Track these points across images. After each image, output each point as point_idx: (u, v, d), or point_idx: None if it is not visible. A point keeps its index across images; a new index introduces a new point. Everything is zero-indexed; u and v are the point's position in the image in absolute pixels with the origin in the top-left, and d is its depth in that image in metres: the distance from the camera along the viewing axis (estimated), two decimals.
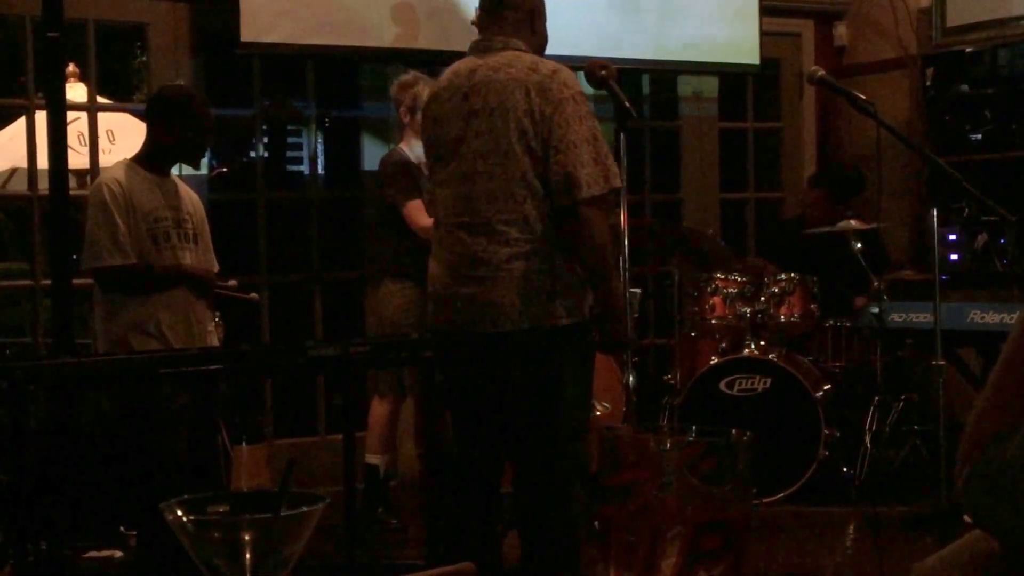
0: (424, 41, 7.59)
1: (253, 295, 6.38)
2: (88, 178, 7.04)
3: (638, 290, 7.40)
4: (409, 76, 7.03)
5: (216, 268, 5.87)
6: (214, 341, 5.74)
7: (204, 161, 7.59)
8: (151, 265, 5.49)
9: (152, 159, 5.62)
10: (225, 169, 9.90)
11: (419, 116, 6.81)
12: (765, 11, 8.88)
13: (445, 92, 4.70)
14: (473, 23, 5.91)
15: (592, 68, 4.57)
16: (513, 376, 4.54)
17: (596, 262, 4.48)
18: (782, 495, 7.20)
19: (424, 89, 6.88)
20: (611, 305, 4.55)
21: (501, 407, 4.60)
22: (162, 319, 5.48)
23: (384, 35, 7.53)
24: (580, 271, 4.55)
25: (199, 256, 5.70)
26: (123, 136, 7.39)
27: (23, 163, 7.27)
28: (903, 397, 7.78)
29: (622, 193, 4.77)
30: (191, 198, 5.78)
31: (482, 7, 4.82)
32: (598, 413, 6.62)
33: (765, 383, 7.39)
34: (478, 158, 4.54)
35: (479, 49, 4.74)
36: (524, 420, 4.58)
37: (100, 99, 7.51)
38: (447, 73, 4.80)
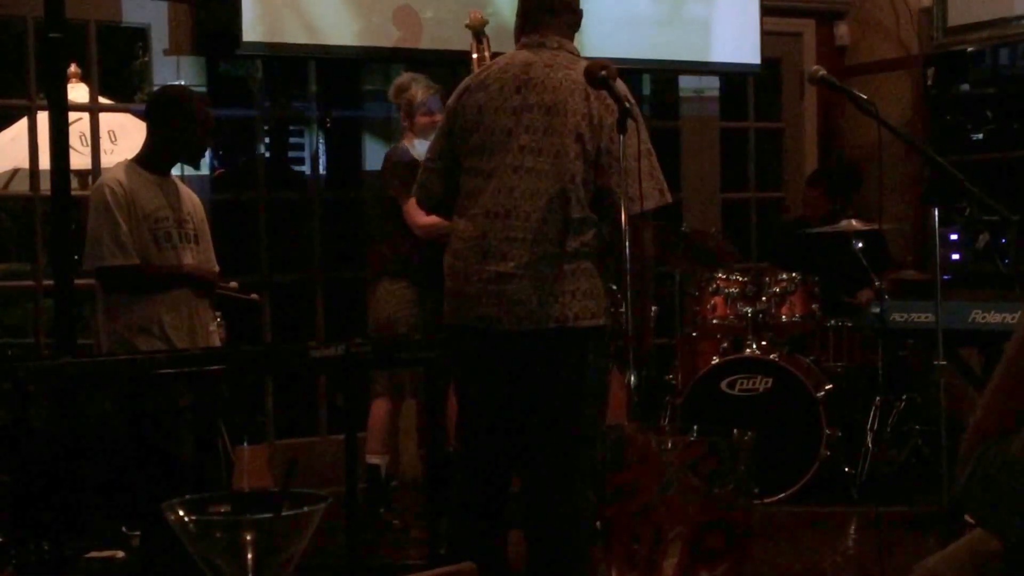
0: (425, 43, 7.59)
1: (254, 295, 6.37)
2: (90, 179, 7.04)
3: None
4: (403, 79, 7.02)
5: (216, 269, 5.88)
6: (216, 341, 5.74)
7: (205, 161, 7.60)
8: (153, 265, 5.50)
9: (152, 159, 5.63)
10: (224, 169, 9.90)
11: (417, 118, 6.82)
12: (766, 11, 8.87)
13: (495, 83, 4.63)
14: (467, 26, 5.90)
15: (592, 68, 4.55)
16: (534, 375, 4.50)
17: (642, 274, 4.48)
18: (784, 495, 7.20)
19: (419, 90, 6.88)
20: (644, 314, 4.54)
21: (519, 406, 4.56)
22: (165, 319, 5.48)
23: (386, 36, 7.53)
24: (613, 278, 4.55)
25: (200, 256, 5.71)
26: (125, 137, 7.40)
27: (25, 163, 7.27)
28: (904, 397, 7.78)
29: (624, 193, 4.77)
30: (191, 199, 5.79)
31: (537, 7, 4.75)
32: None
33: (766, 383, 7.39)
34: (527, 154, 4.49)
35: (532, 45, 4.69)
36: (542, 420, 4.54)
37: (102, 99, 7.51)
38: (498, 64, 4.74)
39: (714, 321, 7.75)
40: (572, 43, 4.75)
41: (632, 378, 4.46)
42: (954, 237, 8.51)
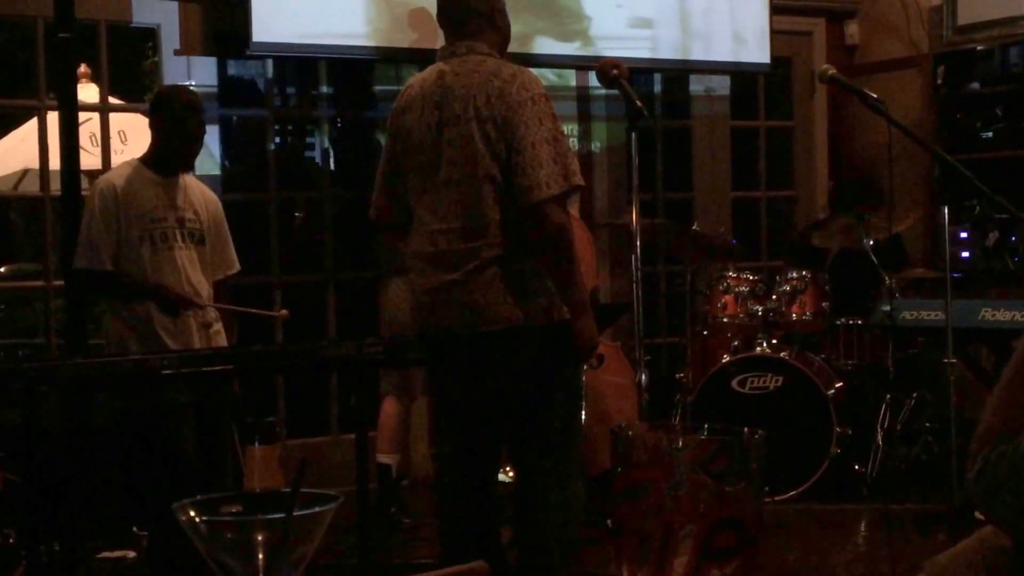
0: (439, 43, 7.58)
1: (283, 312, 6.33)
2: None
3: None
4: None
5: (236, 268, 5.87)
6: (221, 341, 5.73)
7: (215, 161, 7.60)
8: (126, 275, 5.47)
9: (155, 159, 5.63)
10: (234, 169, 9.91)
11: None
12: (776, 10, 8.87)
13: (416, 103, 4.68)
14: None
15: (604, 67, 4.55)
16: (497, 375, 4.54)
17: (557, 259, 4.48)
18: (794, 493, 7.20)
19: None
20: (576, 302, 4.53)
21: (490, 406, 4.60)
22: (155, 319, 5.47)
23: (400, 37, 7.53)
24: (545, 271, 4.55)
25: (206, 258, 5.69)
26: (135, 137, 7.41)
27: (35, 164, 7.29)
28: (915, 395, 7.76)
29: (635, 192, 4.76)
30: (204, 198, 5.76)
31: (444, 16, 4.81)
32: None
33: (777, 381, 7.39)
34: (451, 166, 4.53)
35: (444, 55, 4.74)
36: (514, 419, 4.58)
37: (112, 100, 7.52)
38: (416, 83, 4.77)
39: (725, 319, 7.75)
40: (485, 43, 4.72)
41: (643, 377, 4.47)
42: (964, 235, 8.50)
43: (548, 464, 4.57)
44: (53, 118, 6.61)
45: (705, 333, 7.98)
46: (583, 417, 5.23)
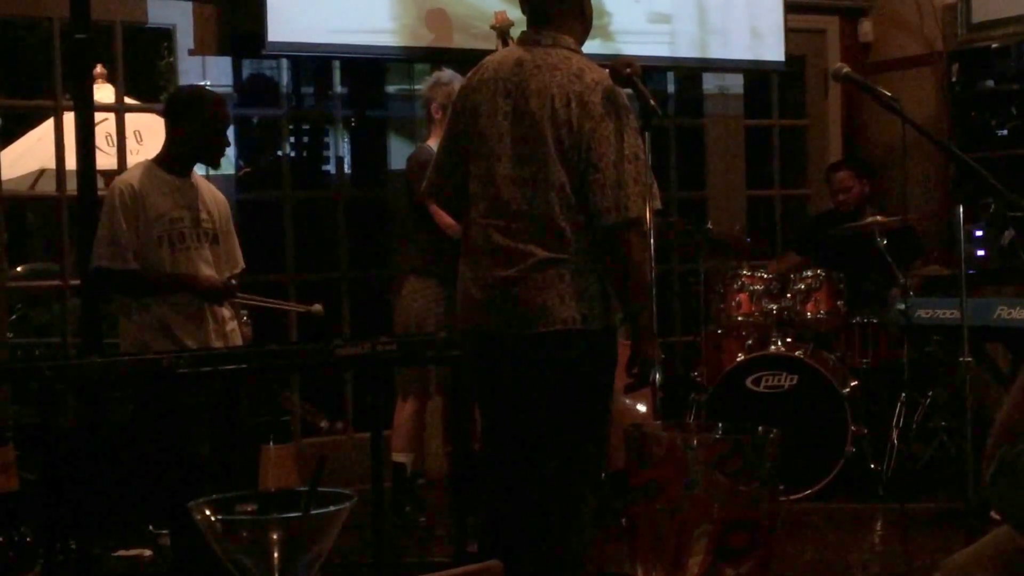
0: (457, 44, 7.58)
1: (317, 306, 6.33)
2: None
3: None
4: (444, 74, 6.99)
5: (241, 267, 5.87)
6: (236, 340, 5.73)
7: (230, 161, 7.62)
8: (153, 271, 5.49)
9: (170, 160, 5.63)
10: (250, 169, 9.92)
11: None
12: (790, 8, 8.87)
13: (487, 85, 4.54)
14: (492, 27, 5.88)
15: (617, 66, 4.52)
16: (549, 378, 4.45)
17: (633, 284, 4.41)
18: (809, 492, 7.19)
19: (459, 86, 6.84)
20: (643, 325, 4.47)
21: (536, 408, 4.50)
22: (171, 320, 5.48)
23: (415, 37, 7.53)
24: (612, 289, 4.48)
25: (220, 256, 5.70)
26: (150, 137, 7.42)
27: (51, 164, 7.31)
28: (930, 393, 7.75)
29: (649, 190, 4.74)
30: (214, 198, 5.77)
31: (531, 1, 4.64)
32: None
33: (792, 380, 7.37)
34: (518, 163, 4.41)
35: (527, 42, 4.58)
36: (544, 421, 4.51)
37: (128, 100, 7.54)
38: (491, 63, 4.63)
39: (739, 318, 7.75)
40: (571, 37, 4.57)
41: (658, 376, 4.45)
42: (979, 233, 8.48)
43: (578, 467, 4.53)
44: (69, 118, 6.63)
45: (719, 332, 7.96)
46: None
